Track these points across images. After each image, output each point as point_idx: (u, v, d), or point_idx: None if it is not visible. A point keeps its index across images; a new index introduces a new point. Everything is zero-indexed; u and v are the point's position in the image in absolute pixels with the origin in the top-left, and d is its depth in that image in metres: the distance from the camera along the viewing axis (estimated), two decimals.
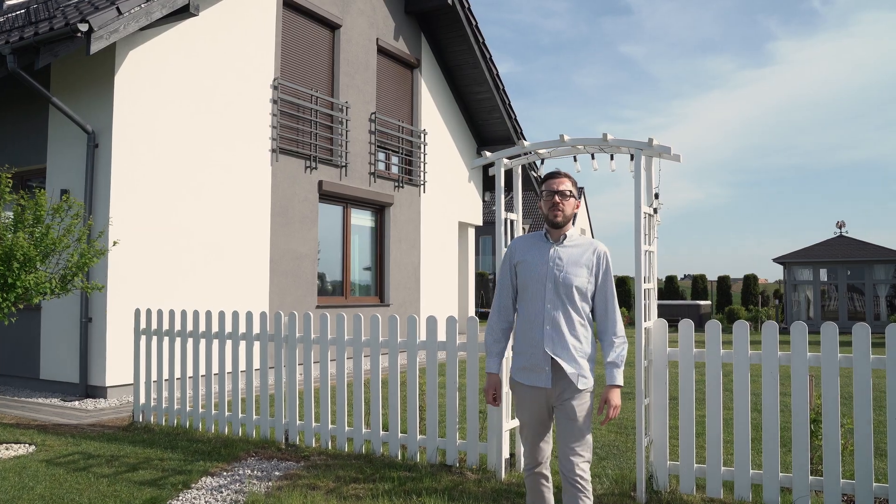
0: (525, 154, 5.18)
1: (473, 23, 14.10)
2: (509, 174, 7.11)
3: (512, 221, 5.28)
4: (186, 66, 9.26)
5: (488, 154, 5.14)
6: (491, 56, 14.65)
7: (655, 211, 4.89)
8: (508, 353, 4.45)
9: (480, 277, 29.89)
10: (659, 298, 31.22)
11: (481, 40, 14.37)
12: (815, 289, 22.26)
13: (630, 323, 20.77)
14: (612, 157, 4.99)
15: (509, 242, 5.34)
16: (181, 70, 9.18)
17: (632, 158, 4.84)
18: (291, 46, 11.18)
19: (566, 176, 3.46)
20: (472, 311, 16.68)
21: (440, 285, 14.88)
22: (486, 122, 15.91)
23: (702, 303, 23.75)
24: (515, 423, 5.30)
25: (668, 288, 30.98)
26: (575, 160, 5.10)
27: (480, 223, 16.76)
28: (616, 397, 3.34)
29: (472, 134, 16.14)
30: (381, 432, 5.61)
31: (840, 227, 22.72)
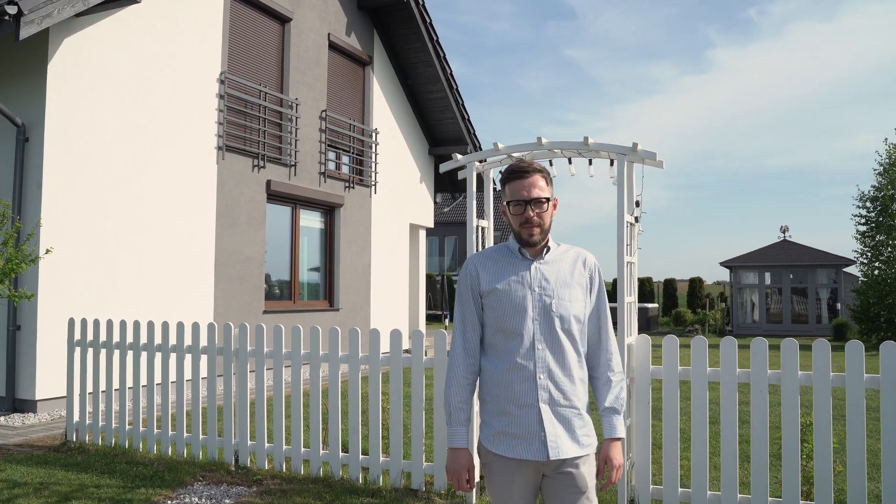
0: (499, 158, 4.86)
1: (427, 20, 13.75)
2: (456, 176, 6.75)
3: (483, 229, 4.95)
4: (128, 56, 8.68)
5: (459, 157, 4.81)
6: (445, 55, 14.32)
7: (637, 220, 4.63)
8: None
9: (428, 279, 29.59)
10: (609, 301, 31.39)
11: (435, 38, 14.03)
12: (760, 292, 22.59)
13: None
14: (590, 162, 4.71)
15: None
16: (122, 61, 8.60)
17: (612, 164, 4.57)
18: (239, 40, 10.67)
19: (538, 171, 2.50)
20: (422, 315, 16.32)
21: (391, 288, 14.50)
22: (440, 122, 15.58)
23: (650, 305, 23.90)
24: None
25: (615, 289, 31.19)
26: (551, 164, 4.81)
27: (432, 225, 16.43)
28: (619, 454, 2.53)
29: (425, 134, 15.79)
30: (341, 453, 5.22)
31: (784, 232, 23.13)
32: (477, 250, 4.79)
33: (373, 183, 13.78)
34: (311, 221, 12.46)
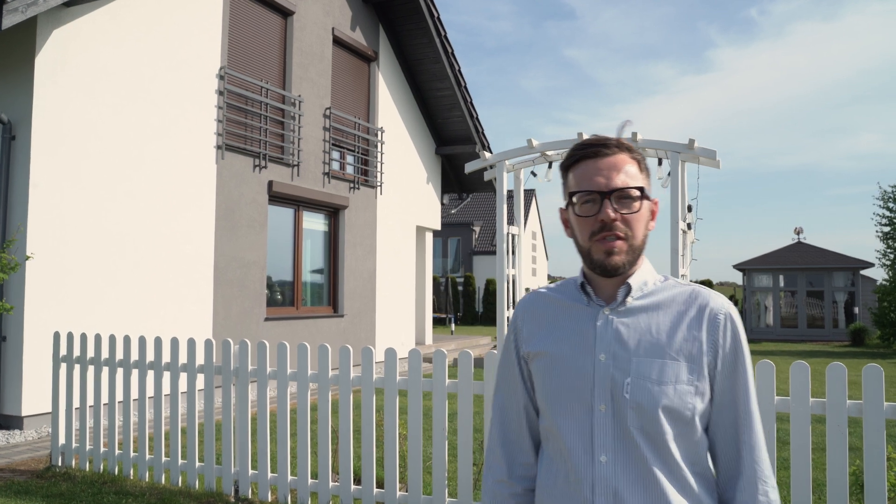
0: (531, 157, 4.34)
1: (435, 14, 13.22)
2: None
3: (513, 236, 4.43)
4: (122, 50, 8.16)
5: (487, 155, 4.28)
6: (453, 51, 13.80)
7: (689, 226, 4.10)
8: None
9: (433, 282, 29.05)
10: None
11: (443, 33, 13.50)
12: (774, 295, 22.05)
13: None
14: None
15: (500, 265, 4.45)
16: (116, 55, 8.08)
17: (659, 163, 4.04)
18: (240, 33, 10.14)
19: (626, 149, 1.52)
20: (429, 321, 15.81)
21: (397, 293, 13.98)
22: (447, 120, 15.05)
23: None
24: None
25: None
26: None
27: (439, 227, 15.91)
28: None
29: (431, 133, 15.26)
30: (353, 486, 4.70)
31: (798, 234, 22.59)
32: (509, 261, 4.26)
33: (378, 183, 13.26)
34: (314, 224, 11.94)
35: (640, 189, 1.49)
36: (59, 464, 5.73)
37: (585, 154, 1.51)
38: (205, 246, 9.35)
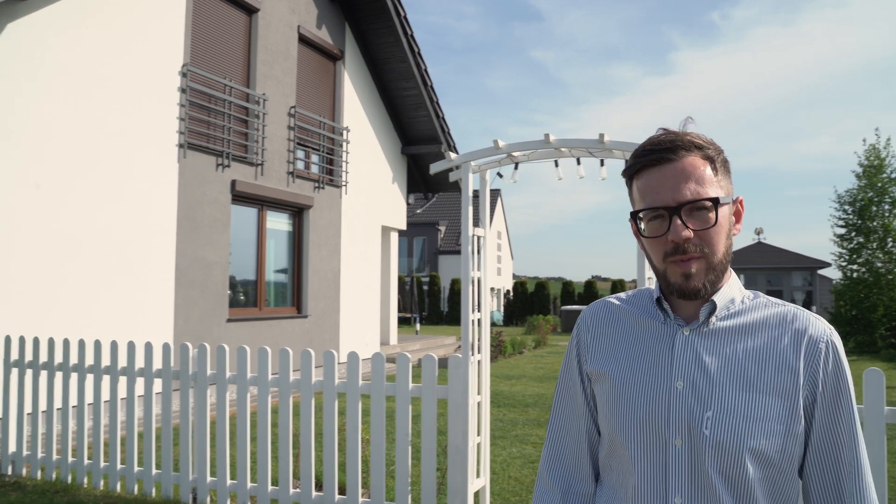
0: (497, 157, 4.28)
1: (402, 14, 13.13)
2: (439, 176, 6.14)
3: (479, 238, 4.37)
4: (80, 45, 7.94)
5: (453, 156, 4.22)
6: (419, 50, 13.71)
7: None
8: None
9: (398, 281, 28.96)
10: (579, 303, 31.04)
11: (409, 33, 13.41)
12: None
13: None
14: (602, 163, 4.15)
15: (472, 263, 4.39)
16: (74, 50, 7.86)
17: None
18: (203, 30, 9.95)
19: (696, 148, 1.30)
20: (394, 322, 15.72)
21: (362, 293, 13.85)
22: (413, 119, 14.96)
23: None
24: (482, 482, 4.39)
25: (588, 292, 30.88)
26: (556, 165, 4.24)
27: (404, 227, 15.82)
28: None
29: (397, 132, 15.16)
30: (314, 493, 4.60)
31: (758, 234, 22.90)
32: (474, 263, 4.20)
33: (343, 183, 13.13)
34: (278, 224, 11.78)
35: (712, 199, 1.27)
36: (10, 472, 5.54)
37: (647, 162, 1.29)
38: (166, 246, 9.16)
